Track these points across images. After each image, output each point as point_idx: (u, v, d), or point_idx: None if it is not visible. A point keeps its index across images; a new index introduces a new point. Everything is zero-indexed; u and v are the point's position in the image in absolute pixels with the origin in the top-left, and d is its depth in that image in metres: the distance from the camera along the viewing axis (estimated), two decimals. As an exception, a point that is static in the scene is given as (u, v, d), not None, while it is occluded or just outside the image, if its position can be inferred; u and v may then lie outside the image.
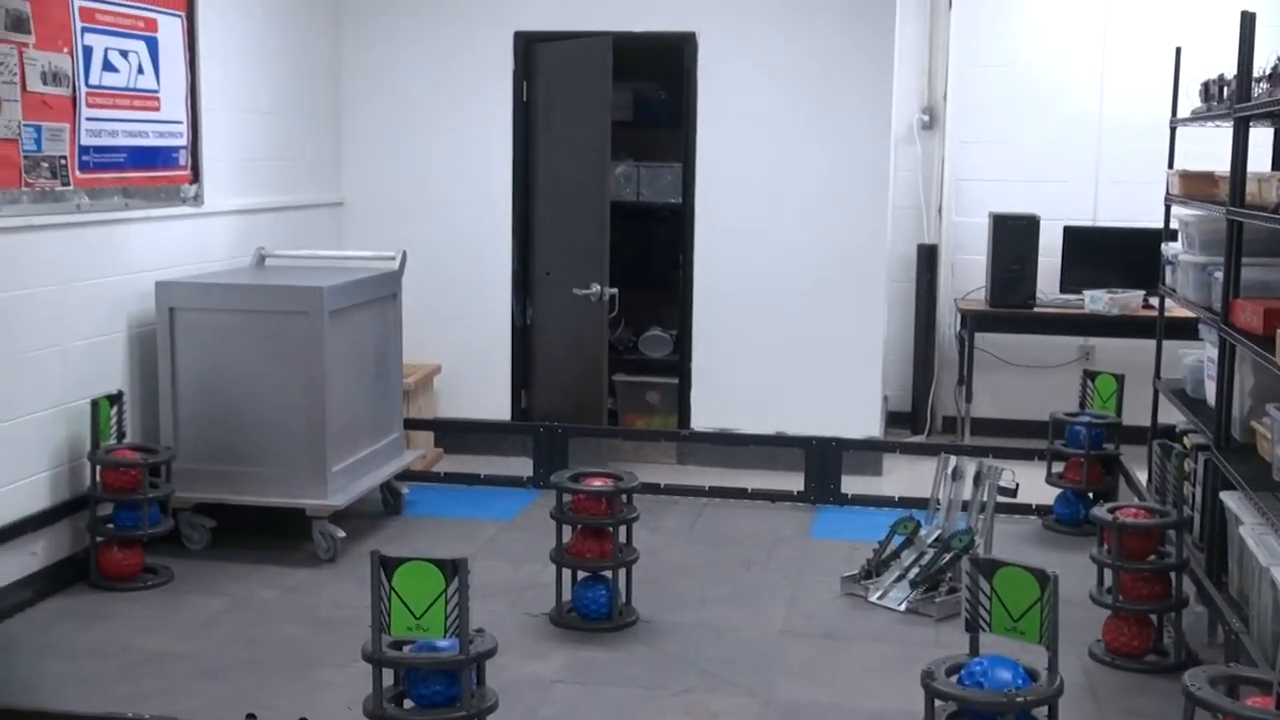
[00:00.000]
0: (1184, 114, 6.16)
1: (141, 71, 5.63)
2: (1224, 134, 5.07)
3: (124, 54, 5.49)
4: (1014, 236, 7.69)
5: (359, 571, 4.98)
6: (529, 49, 7.39)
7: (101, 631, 4.79)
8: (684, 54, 7.27)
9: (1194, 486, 5.29)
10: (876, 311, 7.33)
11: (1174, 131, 6.38)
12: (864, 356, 7.30)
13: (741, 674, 4.53)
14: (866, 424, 7.27)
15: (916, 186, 8.20)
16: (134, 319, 5.60)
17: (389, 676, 3.65)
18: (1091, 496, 6.24)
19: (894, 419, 8.16)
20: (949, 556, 5.22)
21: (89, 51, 5.25)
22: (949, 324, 8.25)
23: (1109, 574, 4.72)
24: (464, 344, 7.53)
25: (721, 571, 5.64)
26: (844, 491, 6.67)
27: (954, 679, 3.37)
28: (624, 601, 5.00)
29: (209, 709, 4.14)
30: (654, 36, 7.29)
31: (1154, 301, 6.82)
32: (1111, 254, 7.86)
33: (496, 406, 7.56)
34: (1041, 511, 6.43)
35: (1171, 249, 6.10)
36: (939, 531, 5.42)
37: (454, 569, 3.55)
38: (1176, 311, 6.31)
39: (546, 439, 6.89)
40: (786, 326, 7.31)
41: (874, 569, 5.35)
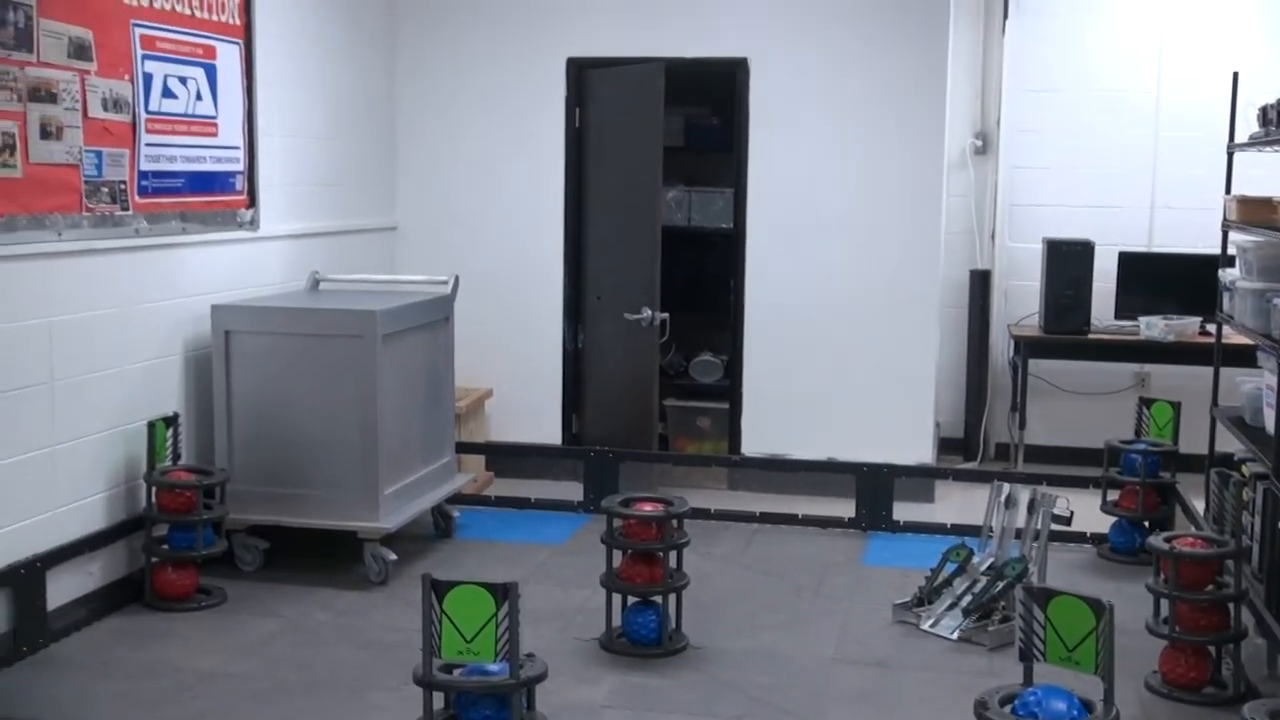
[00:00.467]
0: (1241, 139, 6.10)
1: (200, 98, 5.71)
2: (1282, 159, 5.02)
3: (183, 81, 5.57)
4: (1068, 262, 7.63)
5: (410, 594, 4.99)
6: (581, 75, 7.43)
7: (155, 652, 4.83)
8: (736, 79, 7.29)
9: (1253, 516, 5.21)
10: (929, 337, 7.29)
11: (1231, 157, 6.31)
12: (916, 382, 7.26)
13: (792, 701, 4.50)
14: (918, 450, 7.23)
15: (969, 212, 8.16)
16: (190, 342, 5.67)
17: (439, 700, 3.66)
18: (1147, 525, 6.17)
19: (946, 445, 8.10)
20: (1002, 585, 5.17)
21: (149, 78, 5.33)
22: (1002, 350, 8.19)
23: (1165, 604, 4.66)
24: (515, 368, 7.56)
25: (772, 598, 5.62)
26: (896, 518, 6.63)
27: (1008, 709, 3.33)
28: (674, 627, 4.99)
29: (261, 730, 4.17)
30: (706, 62, 7.31)
31: (1211, 328, 6.74)
32: (1167, 280, 7.79)
33: (547, 431, 7.57)
34: (1096, 540, 6.36)
35: (1229, 275, 6.03)
36: (992, 559, 5.37)
37: (505, 593, 3.56)
38: (1234, 338, 6.22)
39: (597, 464, 6.89)
40: (838, 352, 7.29)
41: (926, 596, 5.31)
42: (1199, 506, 6.19)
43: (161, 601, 5.24)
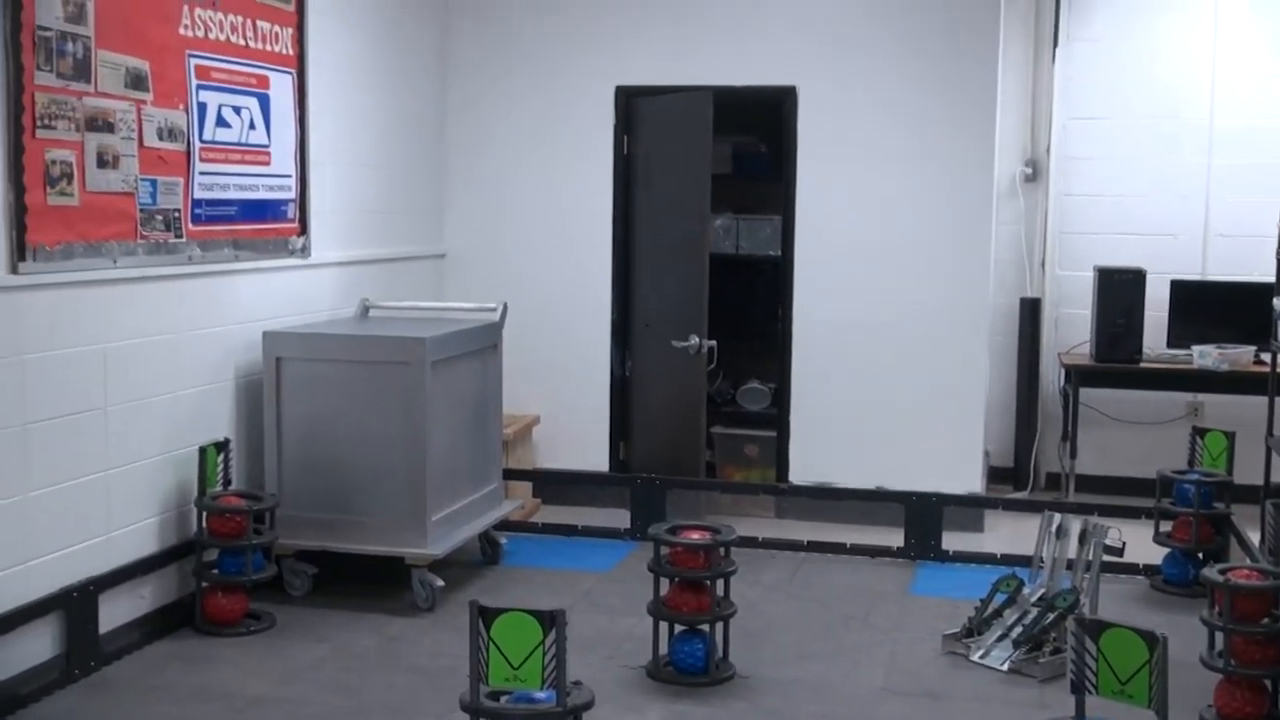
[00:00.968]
0: (1296, 166, 6.04)
1: (253, 127, 5.77)
2: (1338, 186, 4.96)
3: (237, 110, 5.64)
4: (1120, 290, 7.57)
5: (457, 621, 5.00)
6: (630, 103, 7.46)
7: (205, 676, 4.86)
8: (784, 107, 7.29)
9: (1309, 548, 5.14)
10: (978, 365, 7.25)
11: (1286, 184, 6.26)
12: (965, 410, 7.22)
13: (840, 732, 4.48)
14: (968, 479, 7.17)
15: (1019, 239, 8.12)
16: (241, 368, 5.72)
17: (486, 727, 3.66)
18: (1201, 557, 6.09)
19: (996, 474, 8.04)
20: (1053, 616, 5.12)
21: (203, 108, 5.40)
22: (1052, 379, 8.13)
23: (1220, 637, 4.59)
24: (563, 395, 7.58)
25: (820, 627, 5.59)
26: (945, 548, 6.58)
27: (1059, 742, 3.30)
28: (721, 656, 4.97)
29: (309, 755, 4.18)
30: (754, 91, 7.32)
31: (1265, 357, 6.66)
32: (1221, 308, 7.71)
33: (595, 458, 7.58)
34: (1149, 571, 6.29)
35: (1284, 304, 5.97)
36: (1043, 590, 5.32)
37: (552, 620, 3.56)
38: (1289, 367, 6.15)
39: (644, 491, 6.89)
40: (886, 380, 7.26)
41: (976, 627, 5.26)
42: (1254, 538, 6.11)
43: (211, 626, 5.28)
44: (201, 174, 5.40)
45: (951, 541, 6.62)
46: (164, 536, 5.26)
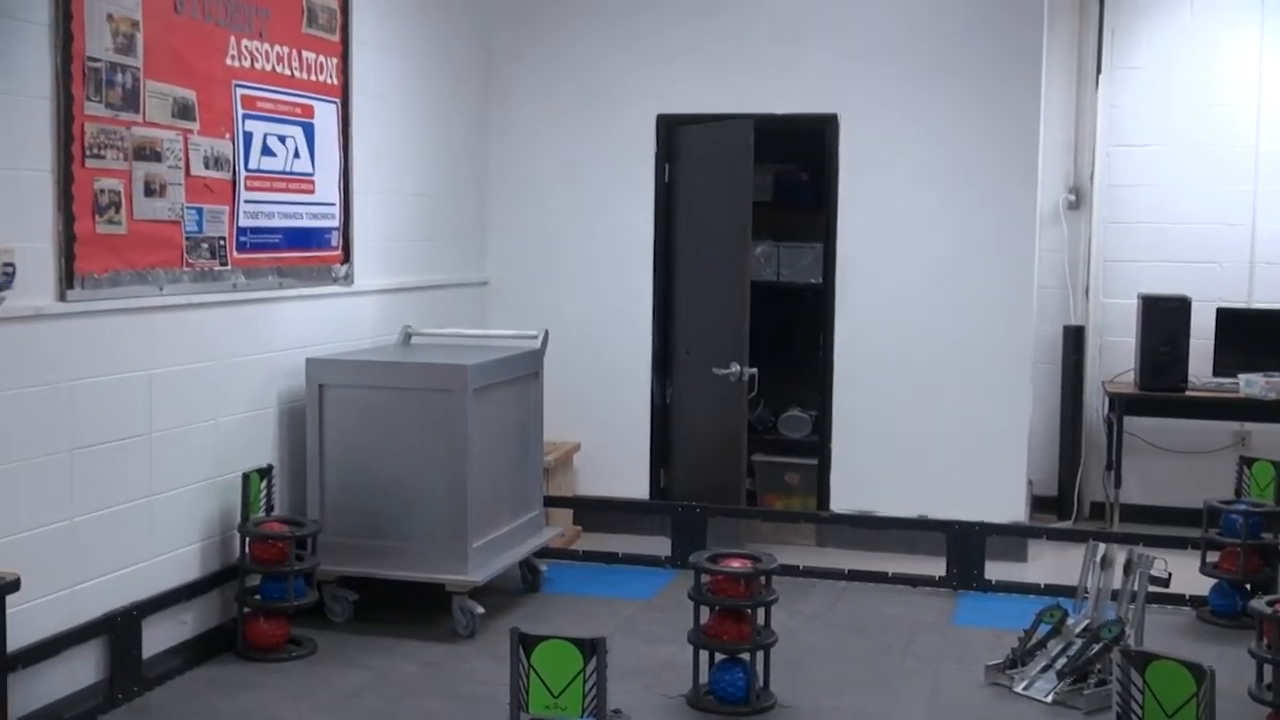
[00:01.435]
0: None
1: (298, 156, 5.83)
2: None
3: (282, 139, 5.69)
4: (1165, 318, 7.51)
5: (498, 648, 5.00)
6: (671, 131, 7.48)
7: (247, 701, 4.88)
8: (825, 135, 7.29)
9: (1359, 580, 5.08)
10: (1021, 393, 7.20)
11: (1333, 212, 6.21)
12: (1008, 439, 7.17)
13: (882, 763, 4.44)
14: (1011, 508, 7.12)
15: (1062, 267, 8.07)
16: (284, 394, 5.76)
17: (526, 755, 3.66)
18: (1249, 588, 6.01)
19: (1039, 504, 7.98)
20: (1098, 647, 5.06)
21: (249, 137, 5.46)
22: (1096, 407, 8.07)
23: (1269, 670, 4.54)
24: (604, 422, 7.59)
25: (861, 657, 5.55)
26: (987, 577, 6.53)
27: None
28: (761, 685, 4.94)
29: (349, 782, 4.18)
30: (796, 118, 7.33)
31: (1314, 386, 6.60)
32: (1267, 336, 7.65)
33: (635, 485, 7.57)
34: (1195, 603, 6.21)
35: (1332, 332, 5.91)
36: (1087, 621, 5.27)
37: (593, 648, 3.56)
38: (1338, 396, 6.09)
39: (685, 519, 6.88)
40: (928, 408, 7.22)
41: (1019, 658, 5.21)
42: (1303, 569, 6.04)
43: (253, 651, 5.30)
44: (246, 202, 5.45)
45: (994, 571, 6.56)
46: (207, 562, 5.29)
